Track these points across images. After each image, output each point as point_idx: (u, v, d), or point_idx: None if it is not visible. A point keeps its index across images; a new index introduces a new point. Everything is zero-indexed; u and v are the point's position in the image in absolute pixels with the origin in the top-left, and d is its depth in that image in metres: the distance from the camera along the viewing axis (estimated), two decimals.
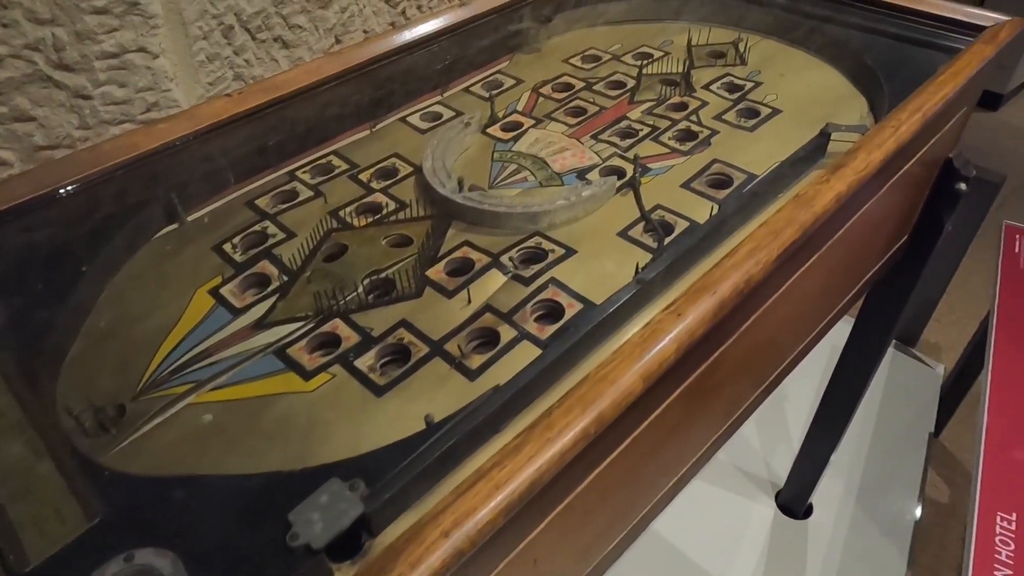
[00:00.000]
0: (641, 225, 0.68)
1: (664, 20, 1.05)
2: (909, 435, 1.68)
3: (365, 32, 1.02)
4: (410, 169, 0.77)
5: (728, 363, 0.60)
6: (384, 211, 0.71)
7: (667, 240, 0.65)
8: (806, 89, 0.86)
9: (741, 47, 0.95)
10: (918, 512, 1.57)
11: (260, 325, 0.60)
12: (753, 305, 0.59)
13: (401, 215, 0.71)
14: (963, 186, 0.91)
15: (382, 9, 1.03)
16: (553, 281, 0.61)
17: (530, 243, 0.66)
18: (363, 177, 0.76)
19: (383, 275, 0.64)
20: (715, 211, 0.67)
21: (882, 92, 0.81)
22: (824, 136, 0.73)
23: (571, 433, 0.41)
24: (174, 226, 0.71)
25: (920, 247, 0.97)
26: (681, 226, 0.67)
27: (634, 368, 0.44)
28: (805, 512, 1.49)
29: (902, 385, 1.78)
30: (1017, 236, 1.38)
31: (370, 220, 0.70)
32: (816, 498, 1.50)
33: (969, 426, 1.91)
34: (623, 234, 0.67)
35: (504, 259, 0.64)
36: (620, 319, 0.57)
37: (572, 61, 0.96)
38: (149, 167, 0.72)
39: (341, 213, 0.71)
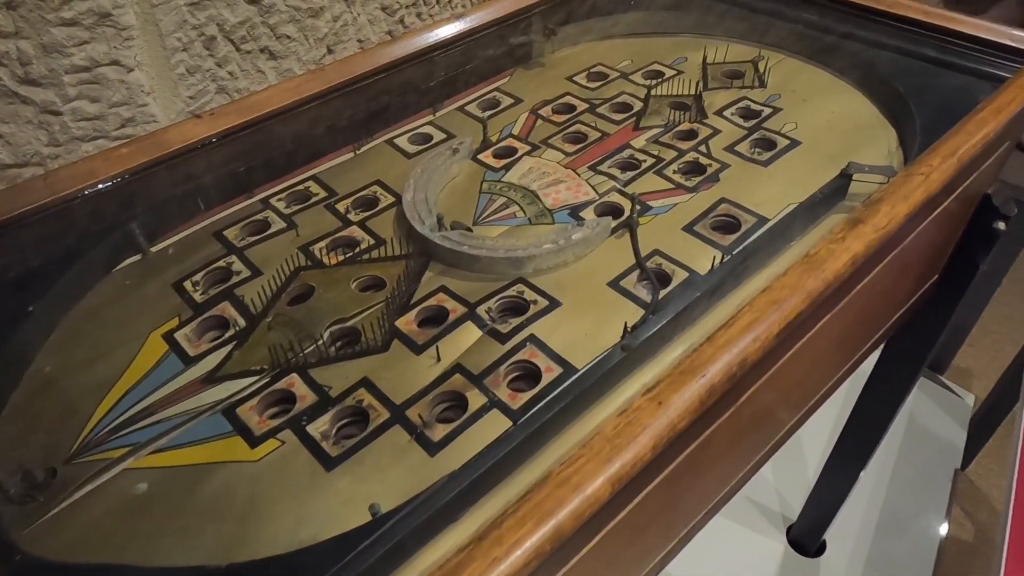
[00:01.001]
0: (636, 274, 0.61)
1: (680, 34, 0.97)
2: (933, 470, 1.59)
3: (360, 42, 0.97)
4: (392, 200, 0.72)
5: (720, 441, 0.54)
6: (359, 248, 0.66)
7: (662, 294, 0.59)
8: (829, 117, 0.79)
9: (761, 66, 0.88)
10: (937, 553, 1.48)
11: (211, 379, 0.55)
12: (750, 379, 0.53)
13: (376, 253, 0.65)
14: (1002, 225, 0.83)
15: (378, 17, 0.97)
16: (532, 339, 0.56)
17: (512, 291, 0.60)
18: (341, 207, 0.71)
19: (349, 323, 0.59)
20: (717, 262, 0.60)
21: (914, 124, 0.74)
22: (845, 177, 0.66)
23: (521, 551, 0.35)
24: (137, 257, 0.67)
25: (952, 287, 0.89)
26: (679, 277, 0.61)
27: (603, 473, 0.38)
28: (818, 550, 1.41)
29: (928, 415, 1.69)
30: None
31: (343, 258, 0.65)
32: (830, 535, 1.43)
33: (999, 460, 1.82)
34: (614, 284, 0.61)
35: (481, 310, 0.59)
36: (601, 390, 0.51)
37: (577, 79, 0.89)
38: (112, 194, 0.68)
39: (313, 248, 0.66)
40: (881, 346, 1.06)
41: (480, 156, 0.77)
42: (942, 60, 0.81)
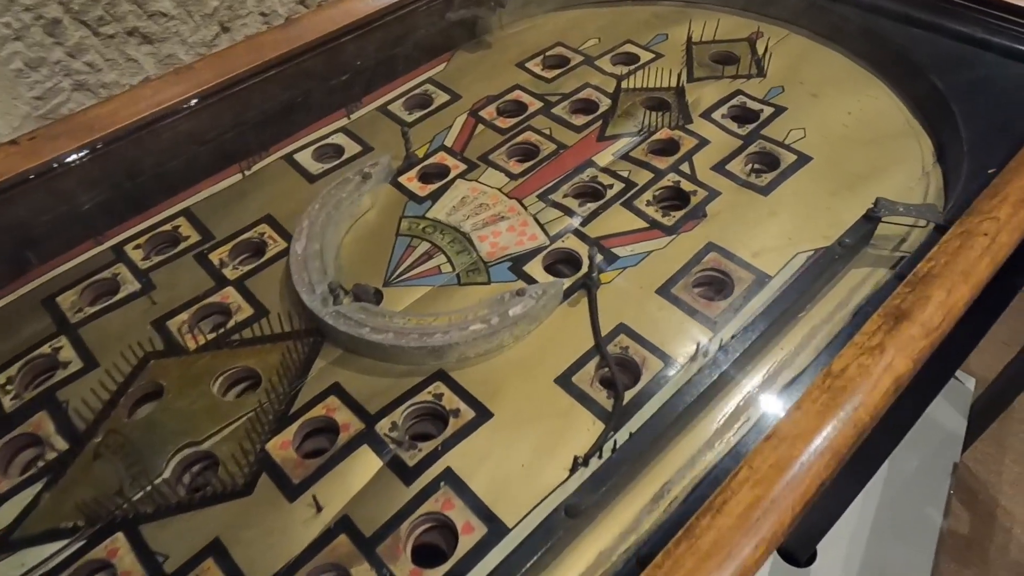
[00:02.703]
0: (594, 363, 0.46)
1: (660, 2, 0.79)
2: (932, 466, 1.48)
3: (263, 16, 0.78)
4: (284, 245, 0.55)
5: None
6: (231, 321, 0.50)
7: (628, 396, 0.44)
8: (847, 121, 0.62)
9: (760, 47, 0.70)
10: (935, 553, 1.39)
11: (4, 544, 0.40)
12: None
13: (254, 330, 0.49)
14: None
15: None
16: (448, 478, 0.41)
17: (427, 394, 0.45)
18: (216, 257, 0.55)
19: (203, 447, 0.43)
20: (703, 355, 0.45)
21: (957, 131, 0.57)
22: (872, 220, 0.50)
23: None
24: None
25: (985, 311, 0.74)
26: (651, 368, 0.45)
27: None
28: (808, 559, 1.32)
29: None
30: None
31: (210, 337, 0.49)
32: (821, 542, 1.33)
33: (995, 442, 1.72)
34: (565, 380, 0.45)
35: (383, 425, 0.43)
36: (542, 564, 0.36)
37: (530, 65, 0.71)
38: None
39: (171, 323, 0.50)
40: None
41: (402, 179, 0.60)
42: (993, 43, 0.64)
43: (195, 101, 0.59)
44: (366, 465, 0.42)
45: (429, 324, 0.47)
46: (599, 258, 0.50)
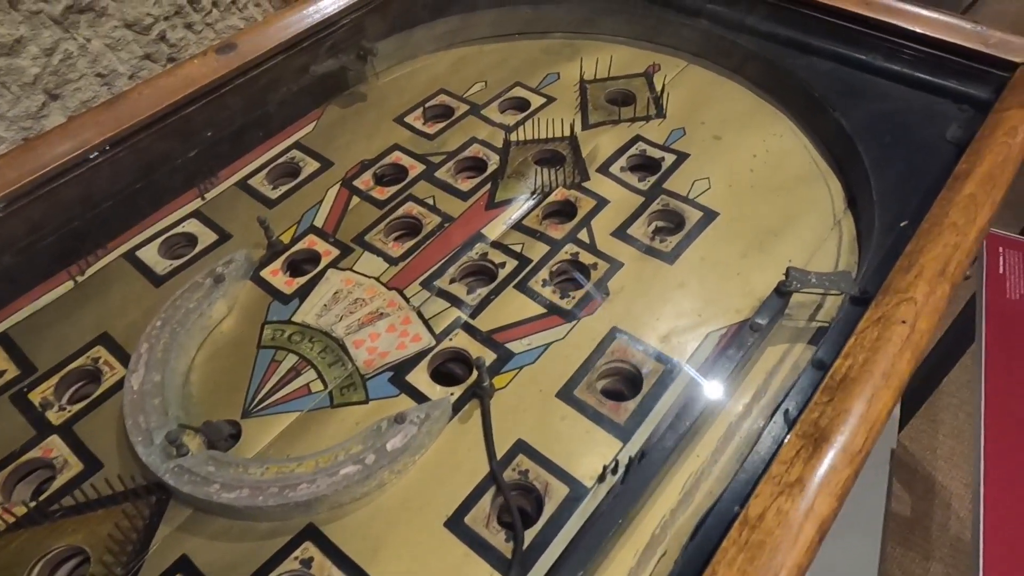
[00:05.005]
0: (490, 496, 0.40)
1: (551, 34, 0.73)
2: (871, 455, 1.50)
3: (101, 77, 0.68)
4: (123, 372, 0.47)
5: None
6: (55, 481, 0.42)
7: (529, 537, 0.38)
8: (752, 165, 0.57)
9: (657, 81, 0.65)
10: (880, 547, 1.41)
11: None
12: None
13: (84, 492, 0.41)
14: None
15: (124, 39, 0.68)
16: None
17: (294, 563, 0.38)
18: (38, 396, 0.46)
19: None
20: (611, 473, 0.39)
21: (865, 176, 0.53)
22: (783, 295, 0.45)
23: None
24: None
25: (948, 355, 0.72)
26: (556, 495, 0.39)
27: None
28: None
29: None
30: (1001, 249, 1.15)
31: (30, 505, 0.40)
32: None
33: (927, 418, 1.76)
34: (456, 522, 0.39)
35: None
36: None
37: (410, 119, 0.64)
38: None
39: None
40: None
41: (265, 272, 0.52)
42: (896, 71, 0.61)
43: (2, 205, 0.50)
44: None
45: (291, 472, 0.40)
46: (487, 364, 0.44)
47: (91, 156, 0.53)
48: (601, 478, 0.40)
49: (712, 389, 0.42)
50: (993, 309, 1.10)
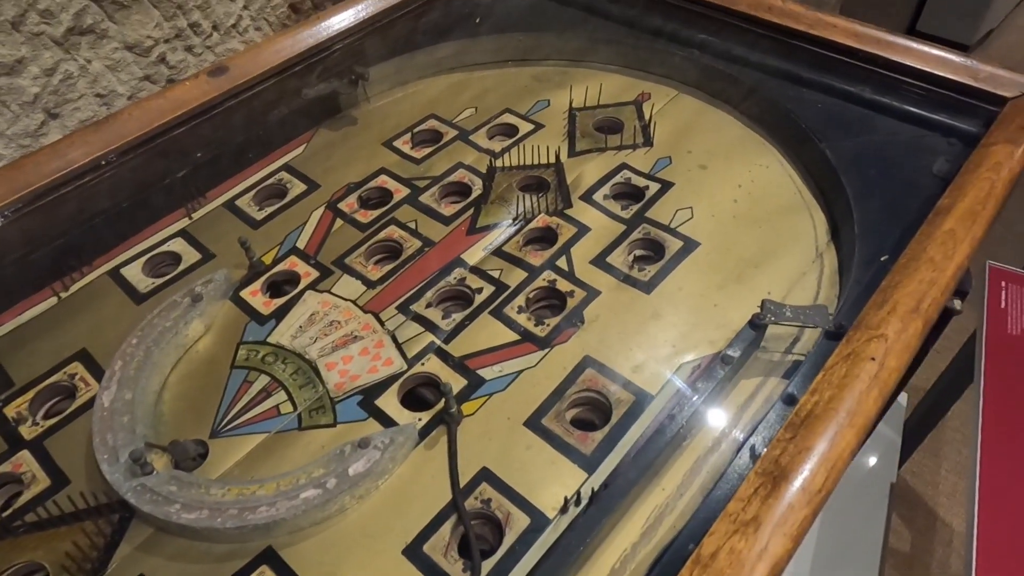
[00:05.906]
0: (451, 524, 0.39)
1: (543, 62, 0.73)
2: (870, 488, 1.47)
3: (100, 97, 0.69)
4: (98, 389, 0.47)
5: None
6: (22, 496, 0.42)
7: (487, 568, 0.37)
8: (737, 195, 0.57)
9: (647, 110, 0.65)
10: None
11: None
12: None
13: (49, 509, 0.41)
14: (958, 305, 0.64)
15: (124, 61, 0.69)
16: None
17: None
18: (14, 410, 0.46)
19: None
20: (574, 504, 0.39)
21: (848, 209, 0.53)
22: (757, 328, 0.45)
23: None
24: None
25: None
26: (517, 525, 0.39)
27: None
28: None
29: None
30: (1003, 283, 1.13)
31: None
32: None
33: (931, 452, 1.73)
34: (414, 550, 0.38)
35: None
36: None
37: (398, 143, 0.64)
38: None
39: None
40: None
41: (245, 292, 0.52)
42: (883, 104, 0.60)
43: None
44: None
45: (252, 494, 0.39)
46: (454, 391, 0.44)
47: (79, 175, 0.54)
48: (563, 509, 0.39)
49: (681, 421, 0.42)
50: (994, 344, 1.09)
